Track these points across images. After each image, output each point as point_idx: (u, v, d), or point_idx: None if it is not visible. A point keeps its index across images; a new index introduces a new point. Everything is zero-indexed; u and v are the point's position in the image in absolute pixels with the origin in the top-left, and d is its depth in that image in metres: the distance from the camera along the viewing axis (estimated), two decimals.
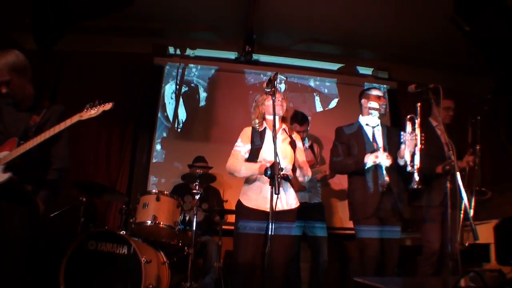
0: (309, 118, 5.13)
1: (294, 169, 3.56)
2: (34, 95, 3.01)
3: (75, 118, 2.82)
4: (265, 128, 3.56)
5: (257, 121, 3.60)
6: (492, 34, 4.83)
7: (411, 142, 3.64)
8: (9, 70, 2.80)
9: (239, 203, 3.45)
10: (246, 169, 3.42)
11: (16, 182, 2.69)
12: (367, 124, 3.99)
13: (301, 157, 3.61)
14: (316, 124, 5.17)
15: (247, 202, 3.38)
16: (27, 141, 2.74)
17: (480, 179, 4.08)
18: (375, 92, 4.06)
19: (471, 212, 3.41)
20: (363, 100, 4.08)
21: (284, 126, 3.65)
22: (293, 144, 3.57)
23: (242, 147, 3.55)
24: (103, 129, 5.94)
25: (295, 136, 3.70)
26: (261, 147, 3.47)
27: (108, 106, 2.87)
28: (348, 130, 4.04)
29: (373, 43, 6.51)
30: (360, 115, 4.09)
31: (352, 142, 3.96)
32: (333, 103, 6.70)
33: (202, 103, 6.48)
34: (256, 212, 3.28)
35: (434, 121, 4.45)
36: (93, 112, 2.84)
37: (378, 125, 3.99)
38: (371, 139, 3.94)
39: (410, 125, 3.67)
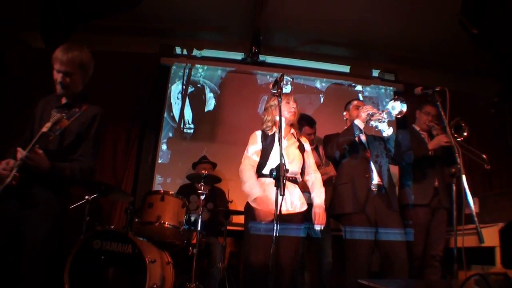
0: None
1: (302, 173, 3.59)
2: (79, 95, 3.07)
3: (46, 126, 2.73)
4: (275, 132, 3.56)
5: (269, 124, 3.59)
6: (500, 36, 4.82)
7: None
8: (78, 63, 2.95)
9: (247, 205, 3.44)
10: (248, 187, 3.39)
11: (13, 186, 2.66)
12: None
13: (311, 161, 3.66)
14: (321, 125, 5.15)
15: (256, 204, 3.34)
16: (43, 145, 2.73)
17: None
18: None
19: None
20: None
21: (292, 130, 3.66)
22: (301, 148, 3.59)
23: (252, 153, 3.54)
24: (109, 128, 5.95)
25: (304, 140, 3.71)
26: (270, 150, 3.46)
27: (46, 127, 2.72)
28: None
29: (379, 45, 6.50)
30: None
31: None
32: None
33: (208, 103, 6.49)
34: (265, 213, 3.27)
35: (417, 127, 4.54)
36: (48, 125, 2.73)
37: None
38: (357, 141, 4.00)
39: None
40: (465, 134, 4.12)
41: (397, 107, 3.66)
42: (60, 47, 2.93)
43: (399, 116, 3.72)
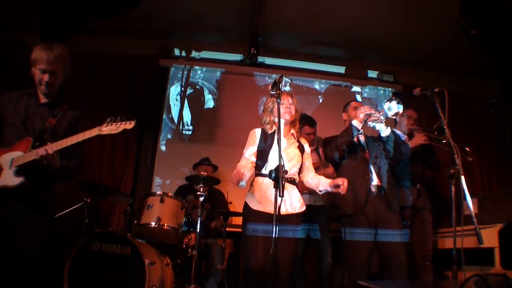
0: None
1: (300, 172, 3.59)
2: (58, 94, 3.06)
3: (94, 132, 2.79)
4: (274, 131, 3.56)
5: (267, 126, 3.59)
6: (499, 38, 4.82)
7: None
8: (63, 62, 2.95)
9: (245, 206, 3.44)
10: (236, 168, 3.42)
11: (27, 187, 2.71)
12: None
13: (309, 163, 3.65)
14: (321, 126, 5.16)
15: (254, 205, 3.36)
16: (42, 144, 2.75)
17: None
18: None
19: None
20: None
21: (292, 131, 3.65)
22: (301, 148, 3.59)
23: (250, 154, 3.54)
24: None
25: (303, 141, 3.71)
26: (269, 149, 3.46)
27: (130, 125, 2.82)
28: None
29: (378, 46, 6.50)
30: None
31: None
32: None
33: (207, 105, 6.50)
34: (263, 214, 3.27)
35: (398, 131, 4.57)
36: (113, 128, 2.79)
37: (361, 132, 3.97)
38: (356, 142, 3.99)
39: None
40: (447, 135, 4.14)
41: (393, 108, 3.66)
42: (40, 47, 2.91)
43: (395, 116, 3.72)
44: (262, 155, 3.48)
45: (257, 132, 3.61)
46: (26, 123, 2.87)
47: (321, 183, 3.50)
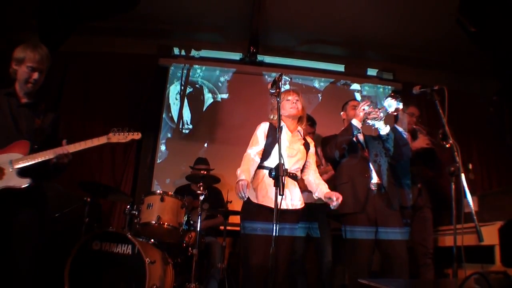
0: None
1: (303, 170, 3.60)
2: (38, 93, 3.06)
3: (102, 140, 2.94)
4: (282, 126, 3.53)
5: (275, 117, 3.57)
6: (498, 35, 4.81)
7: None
8: (47, 61, 2.95)
9: (247, 200, 3.41)
10: (239, 171, 3.36)
11: (34, 188, 2.73)
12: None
13: (312, 161, 3.66)
14: (320, 124, 5.15)
15: (254, 198, 3.35)
16: (39, 146, 2.80)
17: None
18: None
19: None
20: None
21: (299, 128, 3.64)
22: (306, 146, 3.59)
23: (253, 149, 3.49)
24: (108, 129, 5.95)
25: (309, 140, 3.71)
26: (274, 144, 3.43)
27: (137, 136, 3.05)
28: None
29: (378, 44, 6.49)
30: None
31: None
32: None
33: (207, 104, 6.49)
34: (264, 208, 3.26)
35: (400, 128, 4.54)
36: (121, 137, 2.99)
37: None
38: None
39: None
40: (451, 141, 4.12)
41: (393, 105, 3.65)
42: (27, 46, 2.93)
43: (395, 113, 3.72)
44: (268, 148, 3.47)
45: (264, 126, 3.58)
46: (17, 124, 2.87)
47: (318, 190, 3.51)
